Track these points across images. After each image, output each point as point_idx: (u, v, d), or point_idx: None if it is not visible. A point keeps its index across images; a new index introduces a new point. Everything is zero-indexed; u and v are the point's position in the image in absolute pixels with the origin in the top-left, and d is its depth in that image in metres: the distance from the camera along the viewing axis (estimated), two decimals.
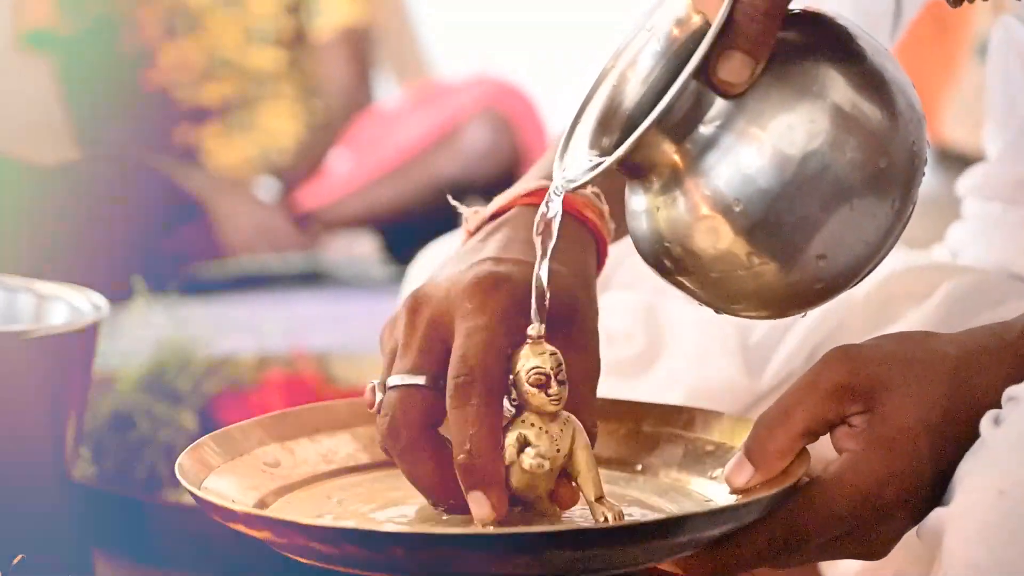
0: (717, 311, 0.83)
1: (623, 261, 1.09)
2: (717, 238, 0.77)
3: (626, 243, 0.95)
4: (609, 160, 0.77)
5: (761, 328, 1.10)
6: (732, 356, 1.08)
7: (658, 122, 0.76)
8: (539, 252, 0.82)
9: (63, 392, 1.28)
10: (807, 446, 0.83)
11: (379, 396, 0.83)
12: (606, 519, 0.81)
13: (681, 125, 0.77)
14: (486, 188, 3.19)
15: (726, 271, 0.78)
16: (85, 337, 1.29)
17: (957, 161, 3.00)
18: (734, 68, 0.76)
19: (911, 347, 0.83)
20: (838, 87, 0.77)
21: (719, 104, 0.77)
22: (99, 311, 1.32)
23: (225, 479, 0.86)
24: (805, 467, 0.82)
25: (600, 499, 0.82)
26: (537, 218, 0.82)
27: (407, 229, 3.10)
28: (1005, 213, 1.09)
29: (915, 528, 0.82)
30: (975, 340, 0.83)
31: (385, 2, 3.82)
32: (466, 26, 3.82)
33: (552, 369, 0.81)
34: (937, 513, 0.80)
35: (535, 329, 0.82)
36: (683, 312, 1.11)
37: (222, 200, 3.21)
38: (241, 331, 2.14)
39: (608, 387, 0.92)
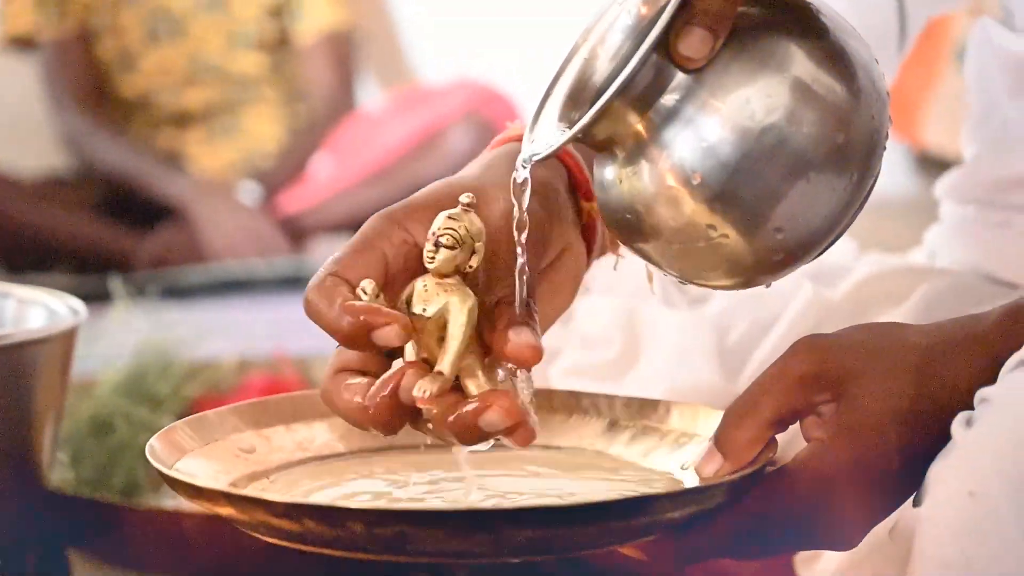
0: (681, 282, 0.84)
1: (601, 264, 1.10)
2: (677, 209, 0.78)
3: None
4: (572, 131, 0.78)
5: (738, 330, 1.11)
6: (710, 359, 1.09)
7: (620, 94, 0.77)
8: (516, 213, 0.82)
9: (40, 397, 1.28)
10: (776, 435, 0.83)
11: None
12: (424, 391, 0.79)
13: (644, 97, 0.78)
14: None
15: (686, 242, 0.79)
16: (63, 342, 1.29)
17: (936, 165, 3.01)
18: (693, 43, 0.77)
19: (879, 337, 0.83)
20: (797, 62, 0.78)
21: (680, 77, 0.78)
22: (77, 315, 1.32)
23: (197, 462, 0.86)
24: (772, 455, 0.82)
25: (440, 373, 0.80)
26: (511, 185, 0.82)
27: None
28: (980, 215, 1.10)
29: (887, 530, 0.82)
30: (944, 331, 0.83)
31: (368, 6, 3.82)
32: (449, 30, 3.82)
33: (436, 231, 0.80)
34: (909, 515, 0.80)
35: (466, 197, 0.81)
36: (661, 316, 1.11)
37: (205, 204, 3.21)
38: (222, 335, 2.13)
39: (586, 390, 0.93)
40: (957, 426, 0.80)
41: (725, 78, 0.77)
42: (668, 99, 0.78)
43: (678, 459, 0.89)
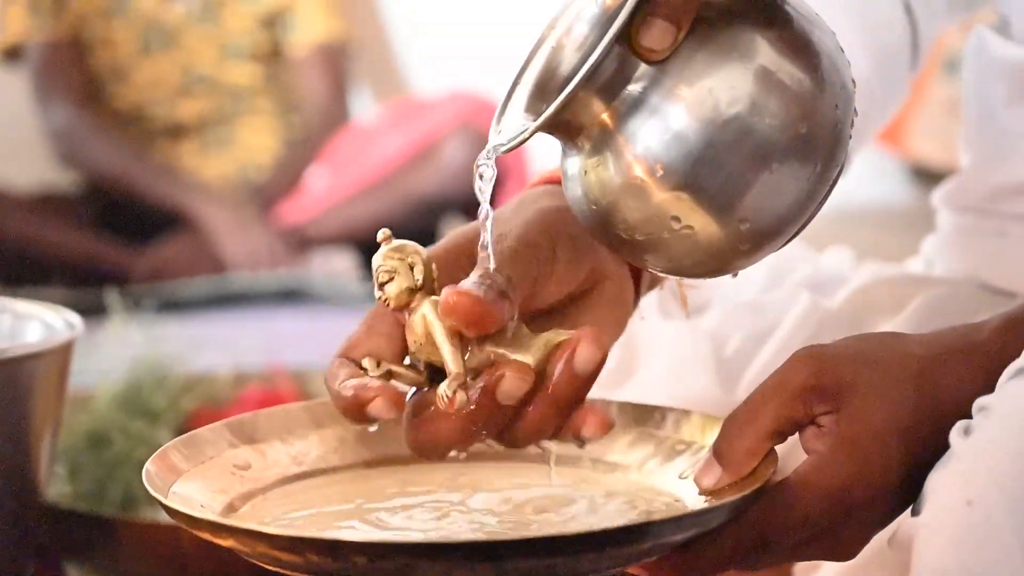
0: (652, 271, 0.84)
1: None
2: (641, 200, 0.78)
3: None
4: (538, 121, 0.78)
5: (736, 341, 1.11)
6: (707, 370, 1.08)
7: (584, 84, 0.77)
8: (481, 213, 0.83)
9: (37, 411, 1.28)
10: (775, 447, 0.83)
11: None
12: (445, 396, 0.80)
13: (609, 87, 0.78)
14: (464, 204, 3.21)
15: (652, 233, 0.79)
16: (59, 356, 1.29)
17: (931, 176, 3.01)
18: (655, 35, 0.77)
19: (878, 347, 0.83)
20: (760, 52, 0.77)
21: (645, 67, 0.78)
22: (73, 329, 1.32)
23: (193, 483, 0.86)
24: (773, 468, 0.82)
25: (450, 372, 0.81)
26: (476, 181, 0.83)
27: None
28: (977, 224, 1.10)
29: (887, 539, 0.82)
30: (943, 341, 0.84)
31: (362, 18, 3.82)
32: (443, 42, 3.82)
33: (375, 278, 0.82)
34: (907, 523, 0.80)
35: (381, 234, 0.83)
36: (658, 327, 1.11)
37: (217, 216, 3.21)
38: (219, 348, 2.14)
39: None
40: (955, 435, 0.80)
41: (688, 68, 0.77)
42: (633, 89, 0.78)
43: (675, 468, 0.89)
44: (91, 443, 1.68)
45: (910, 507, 0.81)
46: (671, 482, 0.88)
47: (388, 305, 0.82)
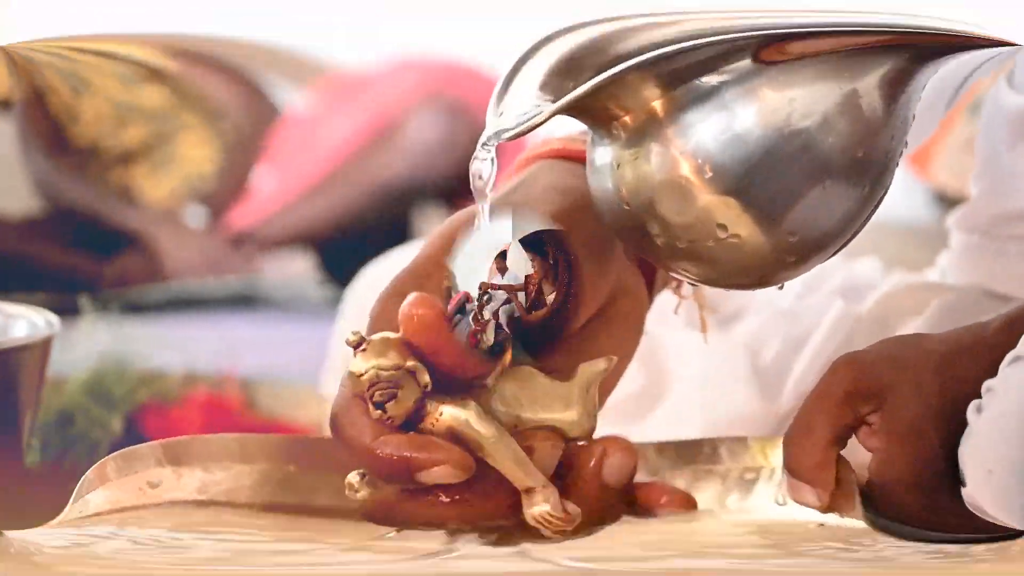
0: (685, 280, 0.79)
1: None
2: (684, 203, 0.73)
3: None
4: (567, 98, 0.69)
5: (772, 349, 1.11)
6: (745, 381, 1.07)
7: (652, 64, 0.70)
8: (478, 208, 0.75)
9: (24, 394, 1.37)
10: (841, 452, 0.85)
11: None
12: (548, 522, 0.74)
13: (681, 72, 0.72)
14: (439, 189, 2.89)
15: (695, 240, 0.74)
16: (41, 348, 1.39)
17: (945, 201, 3.12)
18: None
19: (905, 347, 0.87)
20: (867, 76, 0.74)
21: (741, 63, 0.72)
22: (52, 327, 1.42)
23: (100, 495, 0.84)
24: (852, 471, 0.83)
25: (531, 489, 0.73)
26: (471, 175, 0.75)
27: (346, 245, 2.85)
28: (982, 243, 1.16)
29: None
30: (957, 338, 0.88)
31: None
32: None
33: (366, 393, 0.70)
34: (965, 493, 0.84)
35: (353, 336, 0.71)
36: (686, 339, 1.07)
37: (156, 231, 3.25)
38: (175, 349, 2.20)
39: (613, 431, 0.82)
40: (971, 413, 0.84)
41: (785, 73, 0.72)
42: (710, 80, 0.72)
43: (761, 497, 0.86)
44: (60, 421, 1.77)
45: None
46: (774, 511, 0.85)
47: (391, 422, 0.70)
